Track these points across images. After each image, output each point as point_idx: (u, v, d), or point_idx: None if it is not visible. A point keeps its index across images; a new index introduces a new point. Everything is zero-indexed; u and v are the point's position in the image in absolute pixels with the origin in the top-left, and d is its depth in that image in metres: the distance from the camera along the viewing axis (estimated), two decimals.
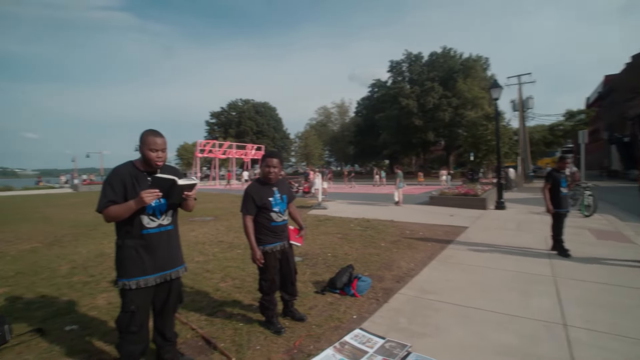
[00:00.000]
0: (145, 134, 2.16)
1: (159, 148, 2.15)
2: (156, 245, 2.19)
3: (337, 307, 3.45)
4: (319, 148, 51.37)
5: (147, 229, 2.15)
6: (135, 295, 2.14)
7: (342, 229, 7.82)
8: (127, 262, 2.13)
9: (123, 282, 2.13)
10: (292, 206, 3.19)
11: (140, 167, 2.18)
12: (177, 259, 2.36)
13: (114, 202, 2.06)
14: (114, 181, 2.09)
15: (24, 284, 4.27)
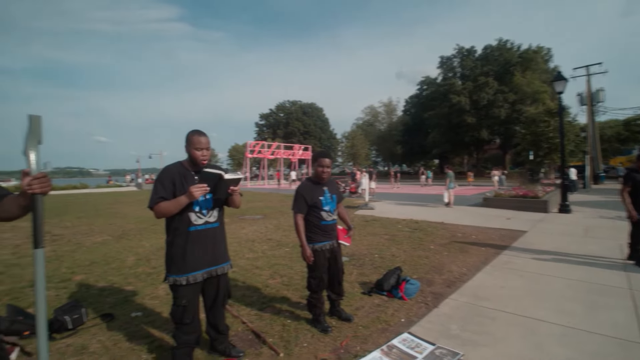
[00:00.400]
0: (190, 134, 2.27)
1: (203, 147, 2.26)
2: (203, 241, 2.30)
3: (385, 309, 3.40)
4: (366, 148, 50.83)
5: (194, 226, 2.26)
6: (185, 290, 2.25)
7: (390, 230, 7.67)
8: (177, 259, 2.25)
9: (174, 278, 2.25)
10: (341, 206, 3.21)
11: (188, 167, 2.31)
12: (222, 256, 2.45)
13: (164, 199, 2.18)
14: (164, 179, 2.23)
15: (97, 273, 4.73)
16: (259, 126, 64.11)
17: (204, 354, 2.58)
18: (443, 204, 12.12)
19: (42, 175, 1.37)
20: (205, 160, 2.29)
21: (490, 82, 37.07)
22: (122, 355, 2.59)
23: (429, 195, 17.06)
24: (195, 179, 2.26)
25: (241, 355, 2.54)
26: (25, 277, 4.49)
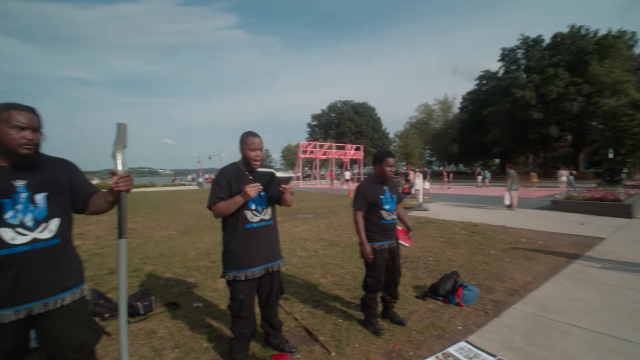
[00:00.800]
0: (244, 135, 2.36)
1: (256, 147, 2.33)
2: (259, 238, 2.38)
3: (440, 315, 3.26)
4: (420, 147, 49.12)
5: (250, 224, 2.35)
6: (243, 285, 2.34)
7: (445, 232, 7.35)
8: (236, 256, 2.34)
9: (233, 273, 2.33)
10: (400, 207, 3.16)
11: (242, 167, 2.41)
12: (277, 253, 2.52)
13: (221, 199, 2.29)
14: (221, 180, 2.34)
15: (164, 264, 5.15)
16: (311, 127, 65.10)
17: (259, 347, 2.68)
18: (504, 206, 11.31)
19: (127, 174, 1.60)
20: (258, 161, 2.36)
21: (561, 73, 33.76)
22: (186, 342, 2.78)
23: (487, 197, 16.04)
24: (249, 179, 2.35)
25: (294, 351, 2.60)
26: (105, 266, 5.01)
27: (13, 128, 1.43)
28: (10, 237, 1.44)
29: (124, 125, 1.69)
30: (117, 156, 1.65)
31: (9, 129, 1.43)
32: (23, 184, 1.49)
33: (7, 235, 1.43)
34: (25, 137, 1.45)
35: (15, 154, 1.46)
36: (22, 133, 1.45)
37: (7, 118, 1.43)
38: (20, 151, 1.46)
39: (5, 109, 1.44)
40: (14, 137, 1.44)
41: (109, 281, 4.33)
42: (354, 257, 5.34)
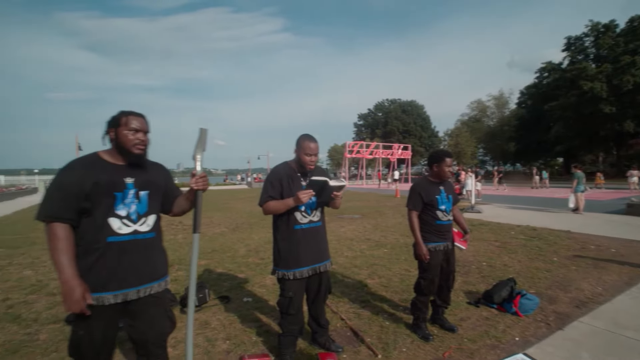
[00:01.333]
0: (302, 138, 2.38)
1: (312, 153, 2.35)
2: (308, 239, 2.41)
3: (495, 324, 3.07)
4: (472, 146, 46.70)
5: (300, 224, 2.38)
6: (292, 284, 2.39)
7: (501, 236, 6.91)
8: (285, 255, 2.40)
9: (283, 272, 2.40)
10: (456, 208, 3.05)
11: (295, 168, 2.44)
12: (325, 253, 2.54)
13: (272, 198, 2.35)
14: (273, 179, 2.40)
15: (217, 259, 5.41)
16: (357, 126, 64.76)
17: (306, 344, 2.72)
18: (569, 209, 10.38)
19: (204, 175, 1.78)
20: (312, 165, 2.39)
21: (639, 61, 30.19)
22: (236, 335, 2.90)
23: (549, 199, 14.82)
24: (301, 181, 2.39)
25: (340, 350, 2.60)
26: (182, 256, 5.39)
27: (130, 130, 1.62)
28: (117, 227, 1.60)
29: (205, 131, 1.84)
30: (197, 158, 1.81)
31: (127, 132, 1.62)
32: (131, 181, 1.66)
33: (115, 225, 1.60)
34: (139, 139, 1.64)
35: (130, 154, 1.64)
36: (137, 135, 1.64)
37: (125, 122, 1.62)
38: (135, 151, 1.65)
39: (124, 114, 1.63)
40: (130, 139, 1.62)
41: (169, 273, 4.64)
42: (402, 258, 5.22)
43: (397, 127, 57.16)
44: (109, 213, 1.59)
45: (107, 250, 1.58)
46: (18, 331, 3.01)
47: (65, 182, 1.54)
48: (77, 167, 1.60)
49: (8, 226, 9.21)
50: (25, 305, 3.61)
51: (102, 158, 1.65)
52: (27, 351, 2.66)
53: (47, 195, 1.56)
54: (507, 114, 50.95)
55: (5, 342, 2.80)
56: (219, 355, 2.58)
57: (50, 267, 4.99)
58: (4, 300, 3.76)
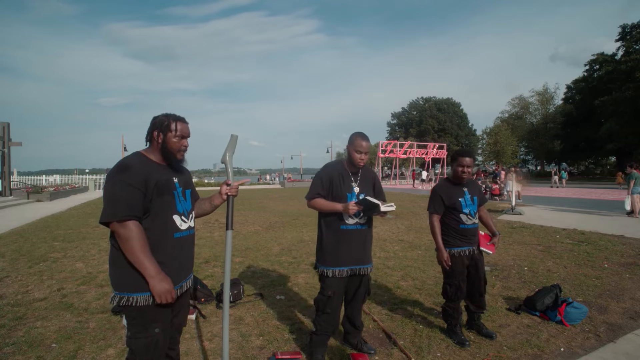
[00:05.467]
0: (355, 135, 2.42)
1: (363, 150, 2.38)
2: (352, 240, 2.41)
3: (537, 332, 2.90)
4: (513, 144, 44.34)
5: (346, 225, 2.39)
6: (332, 282, 2.40)
7: (544, 239, 6.53)
8: (328, 252, 2.41)
9: (322, 269, 2.43)
10: (483, 210, 2.92)
11: (347, 166, 2.47)
12: (367, 257, 2.51)
13: (320, 195, 2.38)
14: (323, 176, 2.44)
15: (251, 257, 5.55)
16: (390, 125, 63.74)
17: (337, 344, 2.71)
18: (624, 213, 9.60)
19: (236, 185, 1.91)
20: (362, 163, 2.42)
21: None
22: (269, 332, 2.95)
23: (601, 201, 13.79)
24: (351, 181, 2.44)
25: (372, 352, 2.57)
26: (201, 255, 5.59)
27: (178, 137, 1.68)
28: (179, 223, 1.70)
29: (236, 137, 2.01)
30: (227, 161, 1.95)
31: (175, 139, 1.68)
32: (177, 180, 1.74)
33: (177, 222, 1.69)
34: (183, 145, 1.72)
35: (175, 159, 1.71)
36: (182, 141, 1.71)
37: (175, 128, 1.67)
38: (179, 157, 1.72)
39: (172, 120, 1.68)
40: (178, 145, 1.69)
41: (205, 269, 4.83)
42: (436, 261, 5.07)
43: (432, 126, 55.59)
44: (172, 210, 1.67)
45: (173, 246, 1.67)
46: (71, 319, 3.25)
47: (131, 181, 1.55)
48: (137, 166, 1.61)
49: (63, 221, 9.98)
50: (77, 295, 3.90)
51: (149, 158, 1.69)
52: (79, 337, 2.86)
53: (112, 196, 1.54)
54: (552, 110, 47.99)
55: (60, 329, 3.04)
56: (252, 351, 2.64)
57: (99, 260, 5.35)
58: (59, 289, 4.08)
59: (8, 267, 5.11)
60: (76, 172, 55.25)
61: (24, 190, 19.09)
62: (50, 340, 2.83)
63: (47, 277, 4.59)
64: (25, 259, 5.53)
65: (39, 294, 3.95)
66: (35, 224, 9.65)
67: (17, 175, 29.20)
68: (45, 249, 6.29)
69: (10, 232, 8.19)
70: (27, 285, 4.24)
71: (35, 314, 3.38)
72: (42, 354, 2.61)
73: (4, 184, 17.97)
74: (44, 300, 3.73)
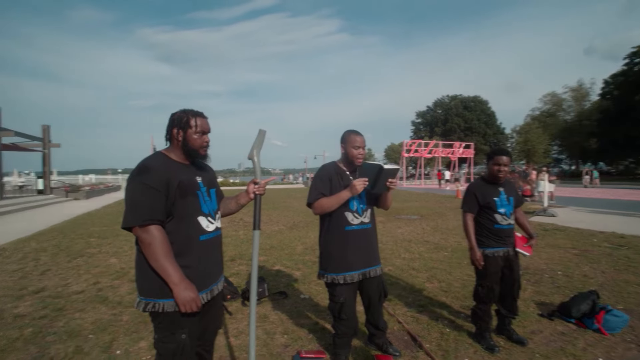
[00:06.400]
0: (347, 133, 2.34)
1: (360, 145, 2.29)
2: (359, 241, 2.32)
3: (573, 340, 2.77)
4: (545, 143, 42.49)
5: (351, 226, 2.30)
6: (342, 289, 2.30)
7: (580, 243, 6.22)
8: (335, 257, 2.31)
9: (332, 276, 2.31)
10: (519, 211, 2.83)
11: (343, 166, 2.39)
12: (375, 258, 2.44)
13: (324, 195, 2.28)
14: (322, 176, 2.34)
15: (275, 256, 5.61)
16: (415, 124, 62.67)
17: (362, 344, 2.70)
18: None
19: (263, 184, 1.85)
20: (360, 159, 2.33)
21: None
22: (293, 330, 2.98)
23: None
24: (350, 179, 2.30)
25: (397, 355, 2.53)
26: (227, 254, 5.69)
27: (198, 134, 1.61)
28: (205, 225, 1.63)
29: (264, 132, 1.90)
30: (254, 157, 1.87)
31: (196, 135, 1.61)
32: (200, 180, 1.67)
33: (204, 223, 1.63)
34: (205, 141, 1.66)
35: (199, 155, 1.66)
36: (203, 137, 1.64)
37: (195, 125, 1.60)
38: (202, 153, 1.66)
39: (191, 116, 1.61)
40: (200, 142, 1.63)
41: (231, 267, 4.92)
42: (464, 263, 4.94)
43: (458, 125, 54.17)
44: (197, 212, 1.61)
45: (200, 249, 1.61)
46: (106, 312, 3.41)
47: (153, 184, 1.48)
48: (158, 167, 1.54)
49: (98, 219, 10.48)
50: (111, 289, 4.08)
51: (171, 158, 1.63)
52: (113, 329, 3.00)
53: (134, 200, 1.49)
54: (588, 106, 45.64)
55: (96, 320, 3.19)
56: (277, 348, 2.67)
57: (131, 256, 5.57)
58: (94, 283, 4.28)
59: (49, 261, 5.42)
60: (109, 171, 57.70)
61: (63, 189, 20.18)
62: (87, 331, 2.99)
63: (84, 271, 4.84)
64: (64, 254, 5.85)
65: (77, 287, 4.17)
66: (73, 221, 10.19)
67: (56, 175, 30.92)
68: (82, 244, 6.63)
69: (51, 229, 8.69)
70: (67, 279, 4.49)
71: (74, 306, 3.57)
72: (80, 343, 2.75)
73: (45, 183, 19.08)
74: (82, 293, 3.93)
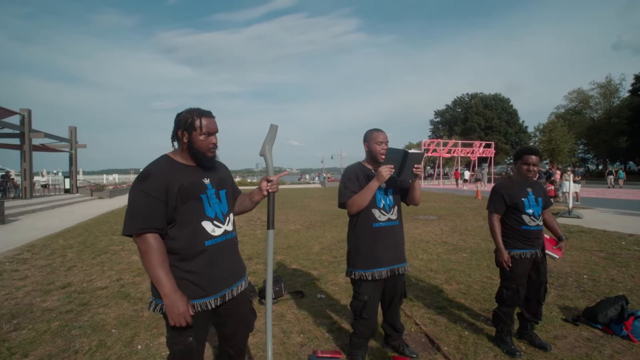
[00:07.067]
0: (369, 131, 2.41)
1: (382, 141, 2.33)
2: (386, 238, 2.34)
3: (599, 347, 2.66)
4: (570, 142, 40.99)
5: (378, 222, 2.33)
6: (369, 285, 2.32)
7: (607, 246, 5.97)
8: (364, 254, 2.34)
9: (360, 272, 2.33)
10: (548, 212, 2.75)
11: (368, 166, 2.41)
12: (403, 255, 2.45)
13: (354, 193, 2.29)
14: (350, 175, 2.37)
15: (292, 255, 5.64)
16: (433, 124, 61.80)
17: (378, 346, 2.68)
18: None
19: (276, 180, 1.78)
20: (383, 155, 2.33)
21: None
22: (310, 329, 2.98)
23: None
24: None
25: (415, 357, 2.50)
26: (245, 252, 5.75)
27: (204, 135, 1.56)
28: (211, 230, 1.58)
29: (276, 127, 1.87)
30: (266, 154, 1.84)
31: (201, 136, 1.56)
32: (208, 181, 1.62)
33: (209, 228, 1.57)
34: (212, 142, 1.59)
35: (205, 157, 1.60)
36: (210, 138, 1.58)
37: (200, 126, 1.54)
38: (209, 154, 1.60)
39: (196, 116, 1.55)
40: (205, 143, 1.57)
41: (248, 266, 4.98)
42: (483, 264, 4.84)
43: (479, 123, 53.03)
44: (201, 216, 1.56)
45: (205, 254, 1.56)
46: (128, 307, 3.51)
47: (151, 191, 1.46)
48: (157, 173, 1.51)
49: (120, 217, 10.79)
50: (133, 285, 4.20)
51: (175, 160, 1.59)
52: (135, 325, 3.09)
53: (132, 207, 1.47)
54: (617, 103, 43.79)
55: (119, 316, 3.30)
56: (293, 347, 2.68)
57: None
58: (117, 279, 4.42)
59: (75, 257, 5.63)
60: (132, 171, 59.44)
61: (88, 188, 20.94)
62: (110, 325, 3.09)
63: (107, 267, 5.00)
64: (89, 251, 6.06)
65: (100, 282, 4.32)
66: (98, 219, 10.55)
67: (82, 175, 32.10)
68: (106, 242, 6.86)
69: (77, 226, 9.03)
70: (91, 275, 4.65)
71: (98, 301, 3.70)
72: (103, 338, 2.85)
73: (72, 183, 19.84)
74: (105, 289, 4.06)
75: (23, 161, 15.58)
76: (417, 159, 2.20)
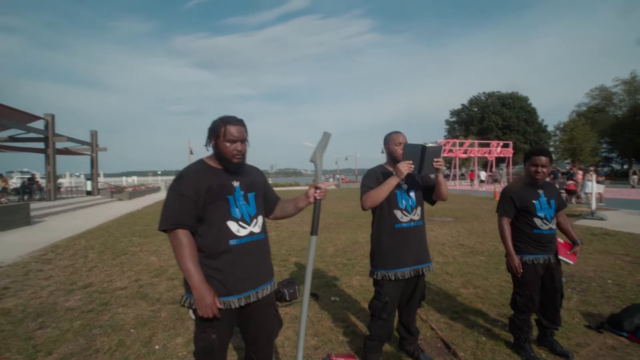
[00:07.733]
0: (389, 134, 2.42)
1: (402, 142, 2.34)
2: (409, 239, 2.34)
3: (625, 356, 2.56)
4: (593, 140, 39.59)
5: (400, 223, 2.33)
6: (391, 286, 2.32)
7: (633, 249, 5.75)
8: (387, 255, 2.33)
9: (383, 273, 2.32)
10: (562, 215, 2.66)
11: (389, 168, 2.40)
12: (427, 255, 2.45)
13: (371, 189, 2.29)
14: (370, 176, 2.40)
15: (305, 257, 5.60)
16: (449, 123, 60.79)
17: (392, 350, 2.65)
18: None
19: (324, 188, 1.83)
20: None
21: None
22: (324, 332, 2.98)
23: None
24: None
25: None
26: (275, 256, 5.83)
27: (228, 142, 1.63)
28: (235, 230, 1.63)
29: (328, 135, 1.87)
30: (316, 160, 1.86)
31: (226, 143, 1.63)
32: (238, 184, 1.69)
33: (234, 228, 1.63)
34: (236, 149, 1.64)
35: (230, 163, 1.66)
36: (234, 145, 1.63)
37: (224, 133, 1.62)
38: (234, 161, 1.66)
39: (222, 124, 1.63)
40: (229, 150, 1.63)
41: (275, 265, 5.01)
42: (501, 268, 4.73)
43: (496, 123, 51.87)
44: (226, 216, 1.63)
45: (230, 253, 1.62)
46: (146, 308, 3.59)
47: (183, 190, 1.58)
48: (190, 175, 1.64)
49: (140, 218, 11.06)
50: (151, 286, 4.29)
51: (208, 164, 1.70)
52: (153, 325, 3.15)
53: (167, 205, 1.60)
54: None
55: (137, 316, 3.37)
56: (307, 350, 2.68)
57: (170, 254, 5.83)
58: (136, 280, 4.53)
59: (96, 258, 5.80)
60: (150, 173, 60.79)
61: (109, 190, 21.55)
62: (129, 325, 3.16)
63: (127, 268, 5.13)
64: (109, 252, 6.23)
65: (120, 283, 4.43)
66: (117, 220, 10.83)
67: (102, 177, 33.04)
68: (126, 243, 7.03)
69: (98, 227, 9.30)
70: (111, 275, 4.78)
71: (118, 301, 3.79)
72: (123, 337, 2.92)
73: (93, 185, 20.45)
74: (125, 290, 4.17)
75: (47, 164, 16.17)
76: (435, 152, 2.18)
